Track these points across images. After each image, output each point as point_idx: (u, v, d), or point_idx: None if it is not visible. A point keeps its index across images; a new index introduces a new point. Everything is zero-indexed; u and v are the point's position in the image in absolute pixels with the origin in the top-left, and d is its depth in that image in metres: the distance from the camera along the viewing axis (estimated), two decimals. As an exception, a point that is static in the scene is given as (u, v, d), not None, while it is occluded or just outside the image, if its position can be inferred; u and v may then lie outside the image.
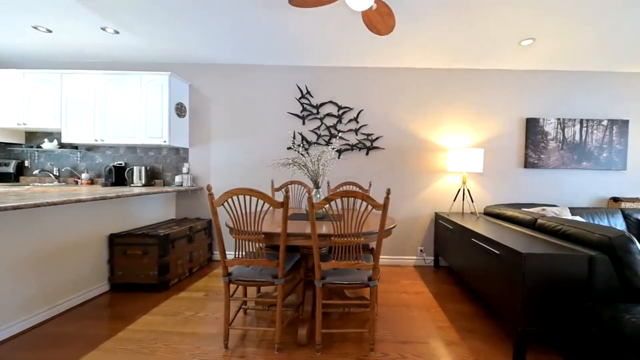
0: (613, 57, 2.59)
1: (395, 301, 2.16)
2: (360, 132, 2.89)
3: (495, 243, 1.74)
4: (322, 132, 2.88)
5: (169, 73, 2.63)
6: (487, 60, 2.70)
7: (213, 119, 3.00)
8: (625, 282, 1.47)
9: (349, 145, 2.87)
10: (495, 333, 1.78)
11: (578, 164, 2.97)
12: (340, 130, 2.87)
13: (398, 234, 2.97)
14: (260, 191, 1.38)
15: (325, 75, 2.91)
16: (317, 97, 2.90)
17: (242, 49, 2.57)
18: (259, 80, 2.96)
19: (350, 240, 1.47)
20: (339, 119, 2.87)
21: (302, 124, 2.89)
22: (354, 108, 2.88)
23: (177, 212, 3.03)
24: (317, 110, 2.86)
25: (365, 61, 2.76)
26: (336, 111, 2.87)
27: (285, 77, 2.93)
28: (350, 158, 2.92)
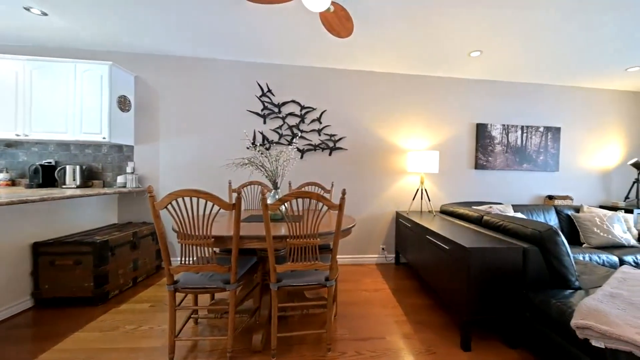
0: (548, 72, 3.00)
1: (355, 299, 2.26)
2: (323, 132, 2.96)
3: (445, 239, 1.91)
4: (284, 131, 2.90)
5: (109, 63, 2.44)
6: (441, 69, 2.95)
7: (163, 114, 2.84)
8: (553, 270, 1.71)
9: (312, 145, 2.93)
10: (446, 323, 1.95)
11: (520, 165, 3.37)
12: (303, 130, 2.91)
13: (361, 233, 3.09)
14: (208, 192, 1.35)
15: (287, 74, 2.92)
16: (279, 95, 2.90)
17: (197, 41, 2.47)
18: (216, 75, 2.87)
19: (306, 241, 1.50)
20: (301, 119, 2.91)
21: (263, 122, 2.88)
22: (317, 108, 2.95)
23: (120, 217, 2.81)
24: (279, 109, 2.87)
25: (329, 62, 2.84)
26: (299, 111, 2.91)
27: (245, 73, 2.89)
28: (313, 158, 2.98)
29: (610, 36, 2.26)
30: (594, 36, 2.26)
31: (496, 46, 2.43)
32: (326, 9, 1.69)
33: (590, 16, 2.00)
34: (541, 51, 2.53)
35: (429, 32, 2.22)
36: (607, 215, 2.89)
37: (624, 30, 2.17)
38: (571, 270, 1.70)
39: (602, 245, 2.76)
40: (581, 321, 1.37)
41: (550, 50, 2.50)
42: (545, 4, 1.85)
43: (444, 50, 2.52)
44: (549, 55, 2.61)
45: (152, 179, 2.83)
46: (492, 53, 2.56)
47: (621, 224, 2.85)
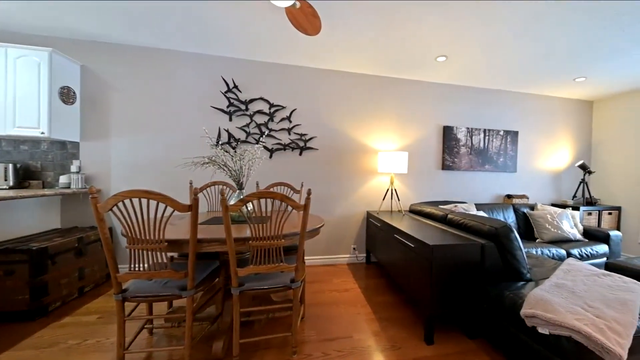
0: (507, 79, 3.26)
1: (325, 300, 2.27)
2: (293, 131, 2.94)
3: (410, 237, 1.99)
4: (252, 129, 2.83)
5: (49, 49, 2.21)
6: (410, 72, 3.08)
7: (116, 108, 2.64)
8: (507, 264, 1.85)
9: (282, 144, 2.90)
10: (412, 319, 2.03)
11: (482, 166, 3.62)
12: (272, 129, 2.87)
13: (332, 234, 3.12)
14: (160, 193, 1.27)
15: (256, 70, 2.86)
16: (246, 92, 2.84)
17: (156, 30, 2.34)
18: (178, 68, 2.73)
19: (270, 243, 1.48)
20: (270, 117, 2.86)
21: (228, 120, 2.78)
22: (287, 107, 2.92)
23: (63, 221, 2.56)
24: (247, 107, 2.80)
25: (299, 60, 2.83)
26: (267, 109, 2.86)
27: (210, 67, 2.78)
28: (282, 158, 2.95)
29: (560, 49, 2.51)
30: (546, 48, 2.50)
31: (460, 53, 2.59)
32: (291, 5, 1.68)
33: (542, 31, 2.20)
34: (499, 60, 2.74)
35: (397, 36, 2.31)
36: (557, 213, 3.20)
37: (572, 45, 2.42)
38: (523, 264, 1.85)
39: (552, 240, 3.04)
40: (529, 310, 1.49)
41: (507, 59, 2.72)
42: (501, 17, 2.01)
43: (413, 54, 2.64)
44: (506, 63, 2.84)
45: (102, 180, 2.62)
46: (457, 59, 2.73)
47: (569, 220, 3.17)
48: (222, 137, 2.76)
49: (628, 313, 1.42)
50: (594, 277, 1.82)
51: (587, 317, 1.38)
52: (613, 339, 1.28)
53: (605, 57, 2.64)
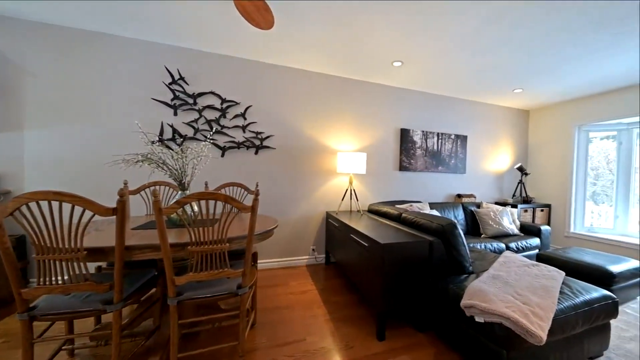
0: (456, 87, 3.53)
1: (280, 304, 2.23)
2: (248, 129, 2.83)
3: (364, 236, 2.03)
4: (201, 125, 2.66)
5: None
6: (369, 75, 3.17)
7: (33, 96, 2.29)
8: (452, 259, 1.97)
9: (235, 143, 2.78)
10: (366, 317, 2.07)
11: (436, 168, 3.86)
12: (224, 126, 2.73)
13: (291, 235, 3.08)
14: (75, 195, 1.12)
15: (205, 62, 2.70)
16: (194, 85, 2.66)
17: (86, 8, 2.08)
18: (113, 54, 2.45)
19: (212, 248, 1.40)
20: (222, 113, 2.72)
21: (173, 114, 2.57)
22: (241, 103, 2.81)
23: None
24: (195, 101, 2.62)
25: (255, 55, 2.74)
26: (219, 104, 2.71)
27: (151, 56, 2.54)
28: (236, 157, 2.82)
29: (499, 62, 2.78)
30: (487, 61, 2.75)
31: (414, 59, 2.74)
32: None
33: (483, 45, 2.42)
34: (449, 69, 2.96)
35: (354, 38, 2.35)
36: (499, 210, 3.54)
37: (510, 59, 2.69)
38: (466, 258, 1.99)
39: (495, 235, 3.36)
40: (468, 301, 1.60)
41: (455, 68, 2.94)
42: (446, 29, 2.16)
43: (370, 57, 2.71)
44: (455, 73, 3.07)
45: (14, 179, 2.25)
46: (412, 65, 2.87)
47: (508, 217, 3.52)
48: (165, 132, 2.54)
49: (549, 298, 1.59)
50: (525, 267, 2.02)
51: (515, 304, 1.52)
52: (536, 323, 1.43)
53: (539, 72, 2.99)
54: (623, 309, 2.31)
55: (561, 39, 2.29)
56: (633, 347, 1.79)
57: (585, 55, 2.57)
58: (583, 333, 1.61)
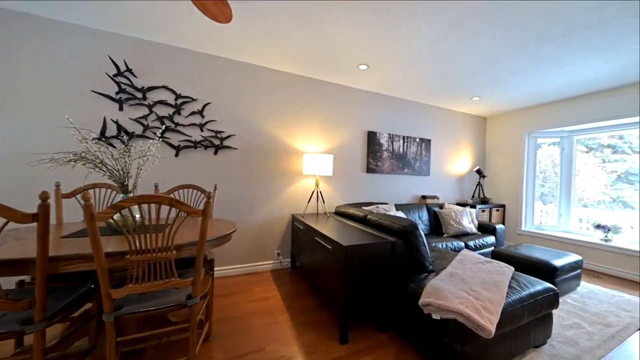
0: (420, 92, 3.68)
1: (239, 312, 2.12)
2: (206, 128, 2.68)
3: (328, 239, 2.00)
4: (151, 122, 2.46)
5: None
6: (336, 76, 3.19)
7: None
8: (413, 259, 2.01)
9: (192, 142, 2.61)
10: (329, 321, 2.05)
11: (402, 170, 3.99)
12: (179, 123, 2.55)
13: (255, 239, 2.96)
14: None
15: (157, 54, 2.51)
16: (144, 78, 2.44)
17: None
18: (43, 38, 2.16)
19: (156, 256, 1.28)
20: (177, 110, 2.54)
21: (118, 109, 2.34)
22: (199, 99, 2.65)
23: None
24: (144, 95, 2.42)
25: (215, 49, 2.60)
26: (173, 100, 2.53)
27: (92, 43, 2.29)
28: (193, 157, 2.65)
29: (460, 71, 2.95)
30: (449, 69, 2.90)
31: (379, 64, 2.80)
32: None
33: (445, 54, 2.54)
34: (413, 74, 3.07)
35: (319, 39, 2.34)
36: (459, 210, 3.73)
37: (469, 68, 2.86)
38: (426, 257, 2.04)
39: (455, 234, 3.53)
40: (425, 299, 1.63)
41: (419, 74, 3.07)
42: (412, 36, 2.23)
43: (336, 59, 2.72)
44: (419, 79, 3.20)
45: None
46: (377, 69, 2.94)
47: (467, 217, 3.72)
48: (109, 129, 2.30)
49: (498, 293, 1.68)
50: (479, 264, 2.12)
51: (469, 300, 1.58)
52: (486, 317, 1.49)
53: (492, 82, 3.22)
54: (565, 299, 2.52)
55: (510, 52, 2.49)
56: (572, 334, 1.95)
57: (531, 67, 2.81)
58: (529, 324, 1.71)
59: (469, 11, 1.94)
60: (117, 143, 2.26)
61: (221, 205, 2.76)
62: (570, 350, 1.78)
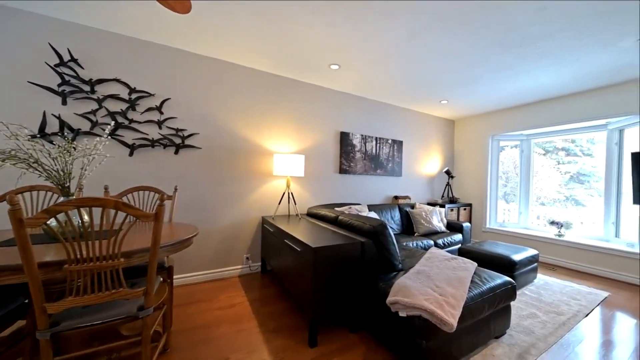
0: (392, 94, 3.78)
1: (203, 321, 2.03)
2: (166, 125, 2.53)
3: (298, 241, 1.98)
4: (101, 118, 2.27)
5: None
6: (308, 76, 3.18)
7: None
8: (383, 258, 2.03)
9: (149, 140, 2.44)
10: (299, 325, 2.02)
11: (375, 171, 4.07)
12: (133, 120, 2.38)
13: (222, 244, 2.85)
14: None
15: (108, 44, 2.31)
16: (92, 69, 2.24)
17: None
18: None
19: (101, 265, 1.17)
20: (131, 105, 2.36)
21: (61, 103, 2.13)
22: (157, 95, 2.49)
23: None
24: (92, 88, 2.22)
25: (176, 41, 2.47)
26: (127, 94, 2.36)
27: (31, 29, 2.06)
28: (150, 157, 2.48)
29: (428, 75, 3.07)
30: (418, 73, 3.01)
31: (351, 64, 2.84)
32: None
33: (414, 56, 2.63)
34: (384, 77, 3.15)
35: (287, 37, 2.31)
36: (430, 210, 3.88)
37: (437, 72, 2.99)
38: (396, 256, 2.08)
39: (426, 233, 3.66)
40: (392, 298, 1.66)
41: (390, 77, 3.16)
42: (381, 36, 2.27)
43: (306, 58, 2.71)
44: (390, 81, 3.29)
45: None
46: (349, 70, 2.97)
47: (437, 216, 3.88)
48: (50, 125, 2.09)
49: (461, 288, 1.75)
50: (445, 261, 2.20)
51: (433, 296, 1.62)
52: (449, 312, 1.54)
53: (458, 86, 3.40)
54: (523, 291, 2.70)
55: (472, 58, 2.64)
56: (529, 324, 2.08)
57: (492, 74, 3.01)
58: (489, 316, 1.80)
59: (432, 17, 2.02)
60: (60, 141, 2.06)
61: (184, 208, 2.62)
62: (527, 338, 1.90)
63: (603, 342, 1.92)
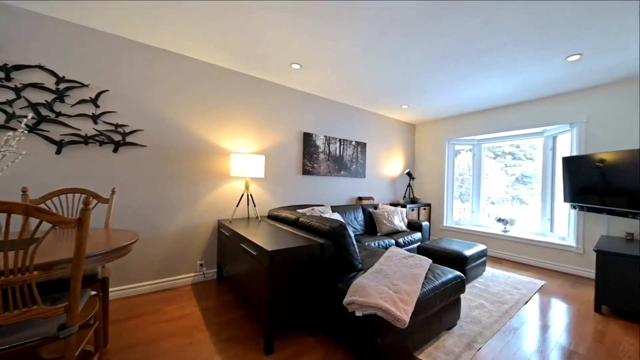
0: (357, 97, 3.88)
1: (147, 336, 1.87)
2: (102, 120, 2.29)
3: (254, 245, 1.91)
4: (19, 110, 1.99)
5: None
6: (268, 74, 3.12)
7: None
8: (343, 259, 2.05)
9: (81, 136, 2.19)
10: (255, 332, 1.96)
11: (339, 172, 4.13)
12: (61, 113, 2.12)
13: (171, 251, 2.66)
14: None
15: (28, 25, 2.03)
16: (8, 53, 1.96)
17: None
18: None
19: (9, 280, 1.02)
20: (59, 97, 2.10)
21: (-37, 89, 1.82)
22: (92, 86, 2.25)
23: None
24: (8, 75, 1.94)
25: (116, 28, 2.26)
26: (53, 83, 2.09)
27: None
28: (82, 155, 2.24)
29: (389, 79, 3.20)
30: (380, 76, 3.11)
31: (312, 64, 2.84)
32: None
33: (375, 60, 2.71)
34: (345, 78, 3.21)
35: (247, 32, 2.25)
36: (391, 210, 4.04)
37: (397, 78, 3.12)
38: (355, 257, 2.12)
39: (388, 232, 3.79)
40: (348, 298, 1.67)
41: (353, 79, 3.23)
42: (340, 38, 2.30)
43: (267, 55, 2.67)
44: (353, 83, 3.37)
45: None
46: (310, 70, 2.98)
47: (398, 216, 4.05)
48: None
49: (415, 284, 1.83)
50: (403, 259, 2.29)
51: (388, 294, 1.67)
52: (402, 309, 1.59)
53: (416, 92, 3.60)
54: (473, 283, 2.93)
55: (429, 66, 2.81)
56: (477, 314, 2.25)
57: (447, 82, 3.24)
58: (441, 309, 1.91)
59: (390, 25, 2.11)
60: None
61: (126, 213, 2.40)
62: (475, 328, 2.05)
63: (540, 324, 2.16)
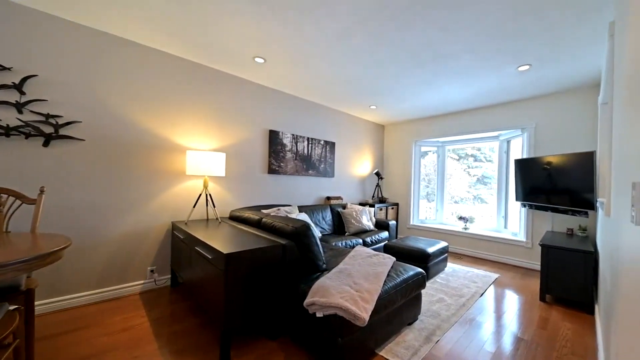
0: (325, 95, 3.88)
1: (86, 352, 1.70)
2: (30, 109, 2.03)
3: (209, 247, 1.81)
4: None
5: None
6: (230, 66, 2.99)
7: None
8: (306, 259, 2.01)
9: (1, 127, 1.92)
10: (211, 341, 1.86)
11: (307, 171, 4.10)
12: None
13: (116, 257, 2.44)
14: None
15: None
16: None
17: None
18: None
19: None
20: (-30, 80, 1.82)
21: None
22: (15, 69, 1.98)
23: None
24: None
25: (46, 5, 2.02)
26: (-38, 64, 1.81)
27: None
28: (3, 149, 1.97)
29: (356, 79, 3.23)
30: (347, 76, 3.13)
31: (277, 59, 2.78)
32: None
33: (341, 59, 2.71)
34: (311, 76, 3.19)
35: (203, 19, 2.12)
36: (360, 210, 4.09)
37: (364, 78, 3.16)
38: (319, 257, 2.09)
39: (356, 232, 3.83)
40: (309, 299, 1.64)
41: (320, 76, 3.21)
42: (304, 34, 2.27)
43: (227, 46, 2.55)
44: (321, 81, 3.36)
45: None
46: (275, 65, 2.91)
47: (367, 215, 4.12)
48: None
49: (376, 283, 1.84)
50: (367, 258, 2.31)
51: (350, 293, 1.67)
52: (362, 307, 1.59)
53: (383, 94, 3.69)
54: (435, 279, 3.06)
55: (394, 69, 2.89)
56: (437, 308, 2.35)
57: (411, 85, 3.37)
58: (402, 305, 1.95)
59: (356, 23, 2.12)
60: None
61: (61, 215, 2.14)
62: (434, 321, 2.12)
63: (495, 315, 2.30)
